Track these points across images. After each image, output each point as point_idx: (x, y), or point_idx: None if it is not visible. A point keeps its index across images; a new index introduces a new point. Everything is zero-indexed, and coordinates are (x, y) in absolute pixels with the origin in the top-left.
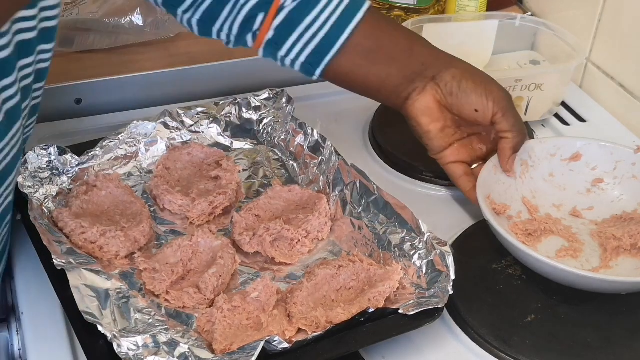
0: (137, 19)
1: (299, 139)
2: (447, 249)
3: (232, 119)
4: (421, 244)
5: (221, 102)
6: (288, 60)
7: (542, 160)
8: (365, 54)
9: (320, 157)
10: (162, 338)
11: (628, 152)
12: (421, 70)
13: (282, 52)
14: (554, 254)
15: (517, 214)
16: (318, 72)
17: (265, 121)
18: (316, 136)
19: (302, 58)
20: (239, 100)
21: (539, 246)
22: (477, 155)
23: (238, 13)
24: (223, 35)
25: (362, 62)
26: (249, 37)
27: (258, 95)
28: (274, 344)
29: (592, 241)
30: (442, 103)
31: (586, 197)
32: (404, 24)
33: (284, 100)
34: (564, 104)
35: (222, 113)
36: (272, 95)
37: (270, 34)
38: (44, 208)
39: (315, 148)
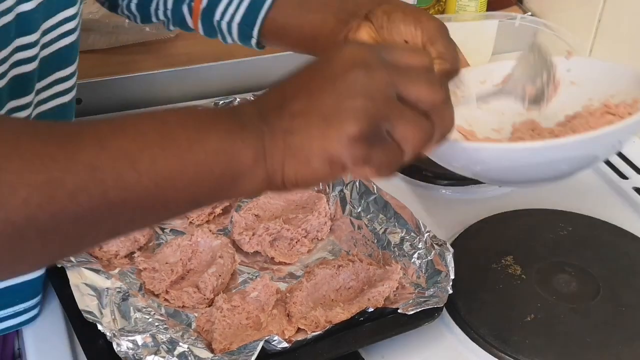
0: None
1: None
2: (447, 248)
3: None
4: (421, 243)
5: (221, 102)
6: (224, 25)
7: (472, 89)
8: (298, 4)
9: None
10: (162, 337)
11: (560, 59)
12: (355, 11)
13: (217, 16)
14: None
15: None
16: (255, 32)
17: None
18: None
19: (238, 18)
20: (238, 100)
21: None
22: None
23: None
24: (161, 14)
25: (296, 12)
26: (185, 10)
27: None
28: (273, 343)
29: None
30: (376, 39)
31: (527, 114)
32: None
33: None
34: None
35: None
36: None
37: (204, 1)
38: None
39: None
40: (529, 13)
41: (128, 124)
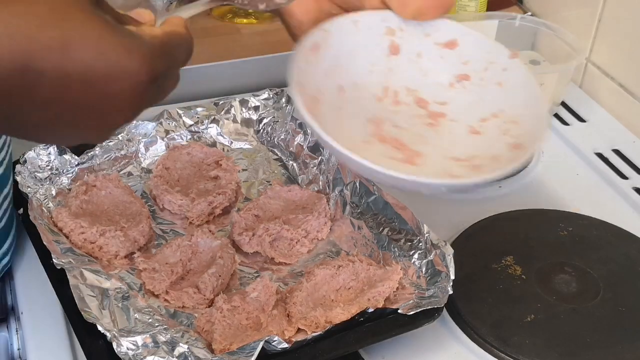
0: None
1: (299, 139)
2: (447, 249)
3: (231, 119)
4: (421, 244)
5: (221, 102)
6: None
7: (413, 37)
8: None
9: (320, 157)
10: (162, 338)
11: (503, 55)
12: None
13: None
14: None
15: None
16: None
17: (265, 121)
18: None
19: None
20: (238, 100)
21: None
22: None
23: None
24: None
25: None
26: None
27: (258, 95)
28: (273, 343)
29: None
30: None
31: (444, 90)
32: None
33: (283, 100)
34: (563, 104)
35: (222, 113)
36: (272, 95)
37: None
38: (43, 208)
39: (315, 148)
40: (529, 13)
41: None
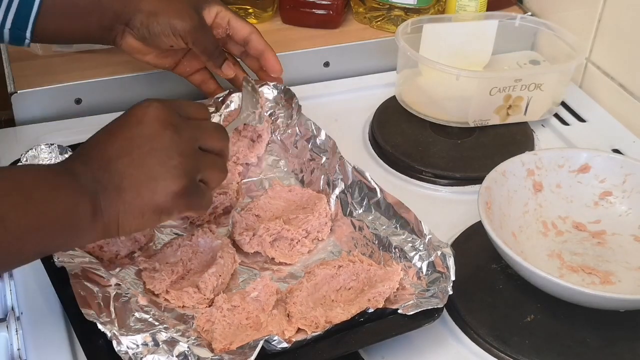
0: None
1: (300, 138)
2: (448, 250)
3: (232, 117)
4: (422, 245)
5: (220, 99)
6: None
7: (549, 172)
8: (64, 13)
9: (322, 157)
10: (162, 337)
11: (638, 165)
12: (114, 20)
13: None
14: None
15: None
16: (28, 34)
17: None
18: (321, 136)
19: (8, 25)
20: (235, 99)
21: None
22: None
23: None
24: None
25: (64, 21)
26: None
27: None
28: (273, 343)
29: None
30: (144, 43)
31: (593, 210)
32: (403, 24)
33: (287, 98)
34: (563, 104)
35: (222, 109)
36: (270, 88)
37: None
38: None
39: (318, 147)
40: (529, 13)
41: None
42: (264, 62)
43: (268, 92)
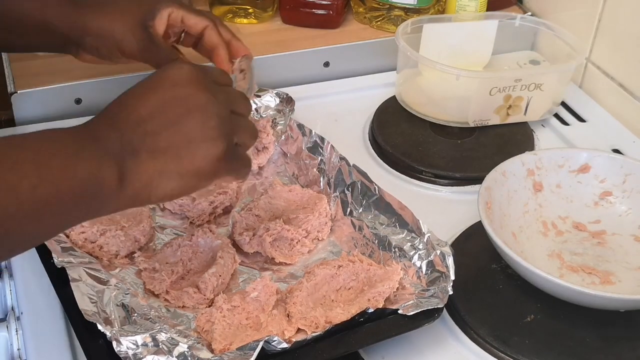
0: None
1: (299, 139)
2: (448, 249)
3: None
4: (421, 244)
5: None
6: None
7: (549, 172)
8: (10, 30)
9: (320, 157)
10: (162, 337)
11: (638, 165)
12: (64, 40)
13: None
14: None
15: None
16: None
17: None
18: (315, 137)
19: None
20: None
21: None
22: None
23: None
24: None
25: (14, 37)
26: None
27: (258, 96)
28: (273, 343)
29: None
30: (101, 59)
31: (593, 210)
32: (403, 24)
33: (284, 100)
34: (563, 104)
35: None
36: (272, 96)
37: None
38: None
39: (315, 148)
40: (529, 13)
41: (2, 154)
42: (214, 58)
43: (270, 100)
